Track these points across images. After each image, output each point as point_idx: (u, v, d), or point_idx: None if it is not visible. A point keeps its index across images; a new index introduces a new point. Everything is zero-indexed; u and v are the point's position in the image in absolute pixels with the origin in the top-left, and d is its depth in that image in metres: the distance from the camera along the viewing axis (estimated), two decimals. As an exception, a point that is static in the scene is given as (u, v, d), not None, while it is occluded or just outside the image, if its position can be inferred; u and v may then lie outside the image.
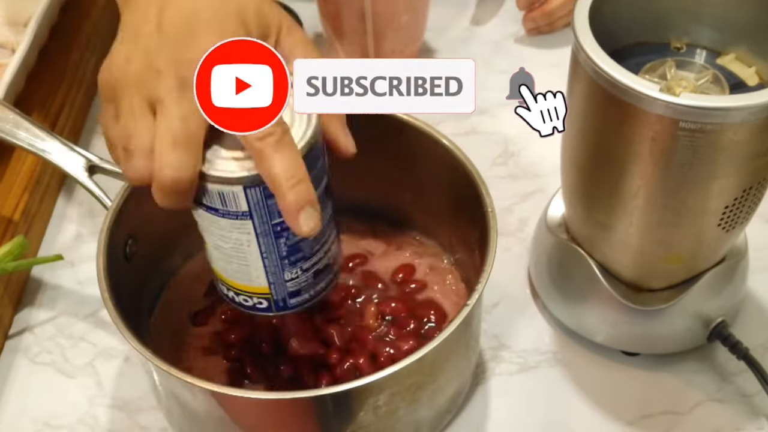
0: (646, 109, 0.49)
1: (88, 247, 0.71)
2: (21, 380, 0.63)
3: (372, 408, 0.50)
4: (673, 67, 0.55)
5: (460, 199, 0.60)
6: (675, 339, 0.61)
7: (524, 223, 0.72)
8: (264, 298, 0.51)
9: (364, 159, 0.64)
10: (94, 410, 0.61)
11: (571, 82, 0.55)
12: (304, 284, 0.51)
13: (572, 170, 0.58)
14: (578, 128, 0.54)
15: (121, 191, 0.58)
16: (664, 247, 0.56)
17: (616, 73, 0.49)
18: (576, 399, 0.61)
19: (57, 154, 0.60)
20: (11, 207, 0.68)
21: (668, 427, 0.60)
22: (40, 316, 0.67)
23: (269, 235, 0.47)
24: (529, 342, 0.64)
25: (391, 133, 0.60)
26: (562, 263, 0.63)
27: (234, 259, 0.49)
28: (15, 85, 0.72)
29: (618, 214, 0.55)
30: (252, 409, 0.51)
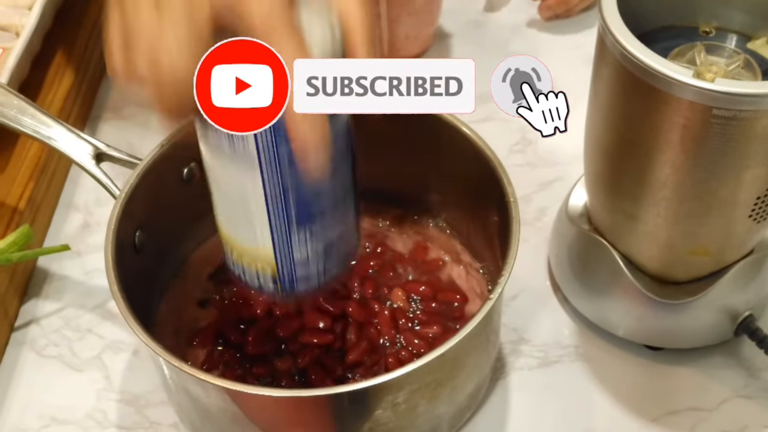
0: (678, 96, 0.47)
1: (95, 237, 0.69)
2: (27, 374, 0.61)
3: (391, 405, 0.49)
4: (703, 51, 0.53)
5: (480, 188, 0.58)
6: (701, 333, 0.60)
7: (543, 213, 0.70)
8: (270, 273, 0.48)
9: (382, 145, 0.62)
10: (102, 405, 0.60)
11: (596, 67, 0.53)
12: (312, 258, 0.48)
13: (597, 158, 0.56)
14: (604, 115, 0.52)
15: (130, 180, 0.56)
16: (691, 239, 0.54)
17: (646, 57, 0.47)
18: (598, 395, 0.59)
19: (63, 141, 0.58)
20: (16, 196, 0.66)
21: (694, 423, 0.58)
22: (47, 307, 0.65)
23: (274, 171, 0.44)
24: (550, 336, 0.62)
25: (410, 120, 0.58)
26: (584, 255, 0.61)
27: (238, 206, 0.46)
28: (19, 70, 0.70)
29: (645, 204, 0.54)
30: (268, 407, 0.49)
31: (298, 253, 0.47)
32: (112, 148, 0.59)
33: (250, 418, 0.50)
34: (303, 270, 0.48)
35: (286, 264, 0.48)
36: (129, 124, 0.77)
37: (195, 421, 0.55)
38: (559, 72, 0.80)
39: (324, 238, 0.47)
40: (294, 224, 0.46)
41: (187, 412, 0.55)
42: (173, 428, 0.58)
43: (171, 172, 0.59)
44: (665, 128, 0.49)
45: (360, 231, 0.51)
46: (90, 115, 0.78)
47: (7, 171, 0.68)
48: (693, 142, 0.48)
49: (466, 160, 0.58)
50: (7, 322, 0.63)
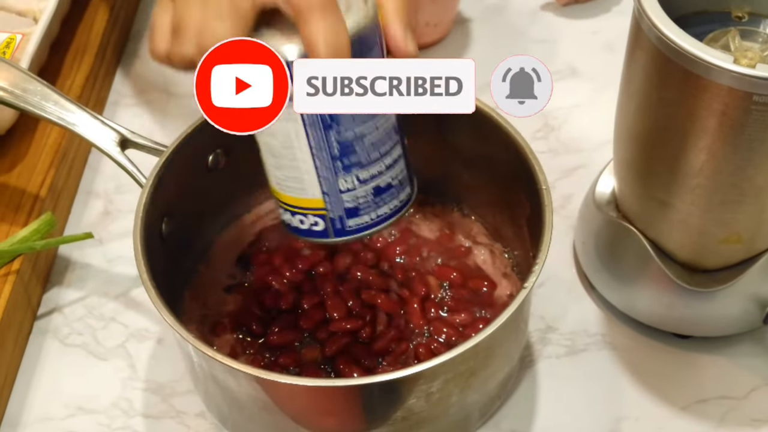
0: (717, 82, 0.46)
1: (117, 224, 0.68)
2: (52, 362, 0.61)
3: (425, 395, 0.48)
4: (737, 36, 0.52)
5: (508, 174, 0.57)
6: (730, 321, 0.59)
7: (567, 200, 0.69)
8: (319, 215, 0.48)
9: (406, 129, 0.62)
10: (127, 393, 0.59)
11: (630, 52, 0.52)
12: (363, 201, 0.48)
13: (629, 145, 0.55)
14: (639, 101, 0.52)
15: (157, 167, 0.55)
16: (725, 227, 0.54)
17: (685, 42, 0.47)
18: (627, 383, 0.59)
19: (88, 127, 0.58)
20: (37, 183, 0.66)
21: (724, 412, 0.58)
22: (69, 295, 0.65)
23: (317, 125, 0.45)
24: (577, 324, 0.62)
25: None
26: (612, 242, 0.61)
27: (285, 160, 0.46)
28: (39, 55, 0.69)
29: (678, 191, 0.53)
30: (301, 396, 0.49)
31: (347, 197, 0.47)
32: (136, 134, 0.58)
33: (281, 407, 0.50)
34: (353, 213, 0.48)
35: (336, 206, 0.48)
36: (147, 110, 0.76)
37: (223, 410, 0.55)
38: (579, 57, 0.81)
39: (372, 181, 0.47)
40: (340, 168, 0.46)
41: (215, 400, 0.55)
42: (200, 417, 0.58)
43: (196, 159, 0.58)
44: (702, 115, 0.48)
45: (413, 178, 0.51)
46: (107, 100, 0.77)
47: (27, 158, 0.67)
48: (731, 129, 0.48)
49: (494, 145, 0.57)
50: (30, 311, 0.62)
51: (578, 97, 0.76)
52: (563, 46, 0.81)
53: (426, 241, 0.62)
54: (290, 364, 0.56)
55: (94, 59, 0.74)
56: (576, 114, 0.75)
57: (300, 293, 0.59)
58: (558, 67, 0.78)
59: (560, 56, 0.80)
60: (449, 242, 0.62)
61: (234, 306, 0.60)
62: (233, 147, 0.58)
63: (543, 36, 0.82)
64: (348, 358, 0.56)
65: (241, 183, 0.62)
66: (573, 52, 0.80)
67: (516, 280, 0.60)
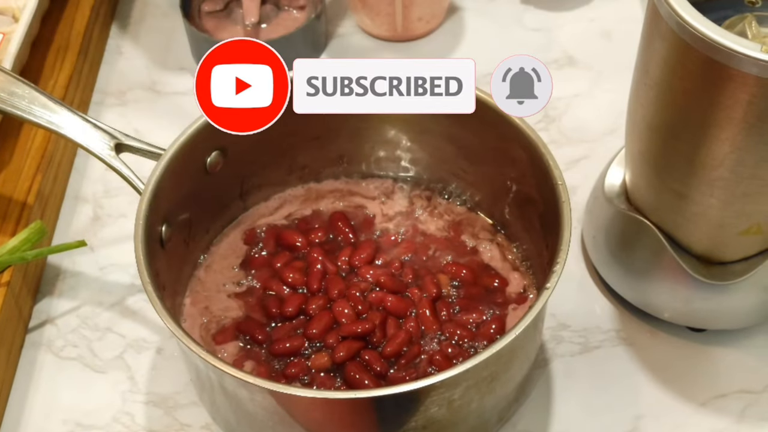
0: (744, 71, 0.45)
1: (107, 230, 0.65)
2: (47, 377, 0.58)
3: (447, 402, 0.47)
4: (754, 22, 0.51)
5: (518, 170, 0.56)
6: (747, 313, 0.58)
7: (572, 193, 0.66)
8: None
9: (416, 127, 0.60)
10: (128, 407, 0.57)
11: (647, 39, 0.50)
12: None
13: (644, 136, 0.54)
14: (657, 90, 0.50)
15: (155, 172, 0.53)
16: (745, 219, 0.52)
17: (708, 29, 0.45)
18: (644, 379, 0.58)
19: (79, 132, 0.55)
20: (24, 190, 0.63)
21: (744, 406, 0.56)
22: (61, 306, 0.62)
23: None
24: (589, 320, 0.60)
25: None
26: (624, 236, 0.59)
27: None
28: (21, 56, 0.66)
29: (697, 183, 0.51)
30: (318, 408, 0.47)
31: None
32: (130, 137, 0.55)
33: (298, 419, 0.48)
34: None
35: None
36: (133, 109, 0.74)
37: (231, 422, 0.53)
38: (575, 46, 0.79)
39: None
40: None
41: (223, 412, 0.52)
42: (206, 429, 0.56)
43: (194, 162, 0.56)
44: (727, 104, 0.46)
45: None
46: (92, 100, 0.74)
47: (12, 163, 0.64)
48: (757, 119, 0.46)
49: (504, 141, 0.55)
50: (22, 323, 0.60)
51: (577, 86, 0.75)
52: (559, 34, 0.79)
53: (433, 238, 0.60)
54: (299, 373, 0.54)
55: (76, 57, 0.71)
56: (576, 103, 0.74)
57: (304, 297, 0.57)
58: (555, 56, 0.77)
59: (557, 45, 0.78)
60: (457, 239, 0.61)
61: (237, 312, 0.58)
62: (231, 148, 0.56)
63: (538, 24, 0.80)
64: (358, 365, 0.54)
65: (240, 184, 0.60)
66: (569, 41, 0.79)
67: (527, 275, 0.58)
